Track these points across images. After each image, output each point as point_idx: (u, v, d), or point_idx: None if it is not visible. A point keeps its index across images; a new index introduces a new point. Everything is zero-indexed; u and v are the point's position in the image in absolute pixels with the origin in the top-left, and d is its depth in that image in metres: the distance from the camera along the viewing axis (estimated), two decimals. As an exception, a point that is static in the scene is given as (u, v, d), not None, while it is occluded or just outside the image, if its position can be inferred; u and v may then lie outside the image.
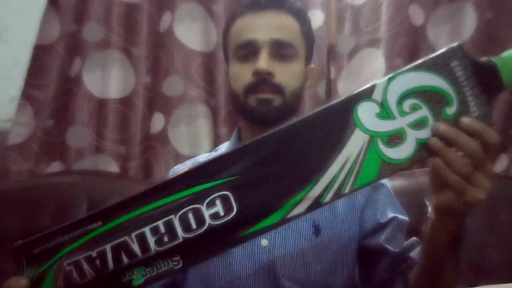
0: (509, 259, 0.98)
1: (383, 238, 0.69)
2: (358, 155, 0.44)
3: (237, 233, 0.46)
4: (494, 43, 1.15)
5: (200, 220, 0.45)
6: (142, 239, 0.46)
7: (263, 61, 0.65)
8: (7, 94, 1.22)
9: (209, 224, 0.45)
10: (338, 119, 0.45)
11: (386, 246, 0.68)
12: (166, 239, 0.46)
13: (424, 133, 0.45)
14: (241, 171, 0.45)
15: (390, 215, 0.71)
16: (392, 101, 0.45)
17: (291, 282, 0.67)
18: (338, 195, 0.45)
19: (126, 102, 1.19)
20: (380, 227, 0.71)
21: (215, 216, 0.45)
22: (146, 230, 0.46)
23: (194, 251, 0.46)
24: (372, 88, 0.45)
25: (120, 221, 0.46)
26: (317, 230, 0.69)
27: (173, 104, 1.19)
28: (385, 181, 0.75)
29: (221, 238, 0.46)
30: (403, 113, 0.45)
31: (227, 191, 0.45)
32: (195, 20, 1.19)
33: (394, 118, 0.45)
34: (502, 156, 1.14)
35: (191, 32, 1.19)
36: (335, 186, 0.45)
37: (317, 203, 0.45)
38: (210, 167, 0.46)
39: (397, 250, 0.68)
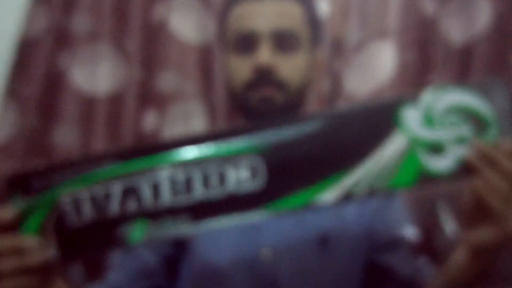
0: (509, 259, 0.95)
1: (395, 257, 0.66)
2: (397, 156, 0.46)
3: (257, 206, 0.45)
4: (509, 37, 1.10)
5: (223, 183, 0.45)
6: (156, 188, 0.45)
7: (264, 55, 0.61)
8: (-11, 91, 1.16)
9: (231, 189, 0.45)
10: (382, 118, 0.46)
11: (396, 266, 0.65)
12: (182, 193, 0.45)
13: (464, 150, 0.46)
14: (279, 141, 0.45)
15: (404, 230, 0.68)
16: (437, 112, 0.46)
17: None
18: (371, 192, 0.45)
19: (117, 99, 1.15)
20: (392, 244, 0.67)
21: (239, 182, 0.45)
22: (164, 179, 0.45)
23: (207, 214, 0.45)
24: (420, 94, 0.47)
25: (137, 165, 0.45)
26: (324, 241, 0.64)
27: (167, 101, 1.14)
28: None
29: (238, 208, 0.45)
30: (446, 126, 0.46)
31: (259, 159, 0.45)
32: (191, 11, 1.16)
33: (436, 128, 0.46)
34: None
35: (186, 24, 1.15)
36: (368, 181, 0.45)
37: (348, 195, 0.45)
38: (246, 130, 0.46)
39: (406, 272, 0.65)
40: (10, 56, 1.13)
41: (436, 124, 0.46)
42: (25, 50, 1.13)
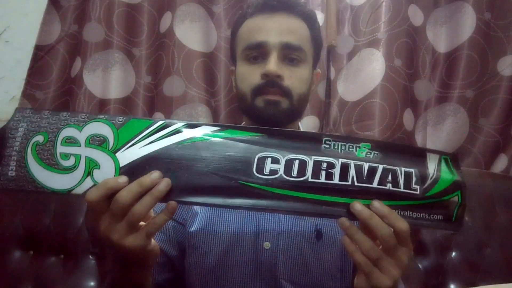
0: (509, 259, 0.98)
1: None
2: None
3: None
4: (493, 44, 1.16)
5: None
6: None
7: (273, 64, 0.65)
8: (8, 94, 1.22)
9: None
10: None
11: None
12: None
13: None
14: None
15: None
16: None
17: (291, 284, 0.68)
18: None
19: (126, 102, 1.19)
20: None
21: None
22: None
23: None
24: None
25: None
26: (319, 234, 0.70)
27: (173, 104, 1.18)
28: None
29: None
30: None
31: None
32: (195, 21, 1.20)
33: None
34: (502, 156, 1.14)
35: (191, 33, 1.19)
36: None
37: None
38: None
39: None
40: (26, 62, 1.18)
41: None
42: (40, 56, 1.18)
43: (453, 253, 1.01)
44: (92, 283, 1.01)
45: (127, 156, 0.49)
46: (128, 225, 0.47)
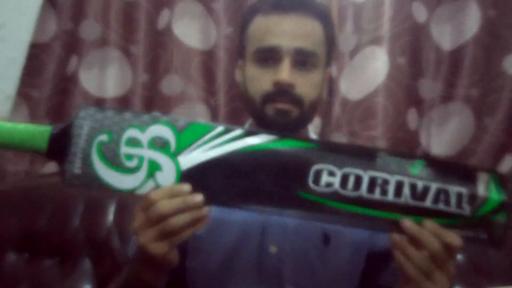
0: (510, 260, 0.97)
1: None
2: None
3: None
4: (498, 42, 1.14)
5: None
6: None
7: (286, 73, 0.63)
8: (2, 93, 1.20)
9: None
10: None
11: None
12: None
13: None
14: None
15: None
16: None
17: None
18: None
19: (123, 101, 1.18)
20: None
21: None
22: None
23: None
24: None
25: None
26: (326, 239, 0.68)
27: (172, 103, 1.17)
28: None
29: None
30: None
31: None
32: (194, 18, 1.19)
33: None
34: (507, 156, 1.13)
35: (190, 30, 1.18)
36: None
37: None
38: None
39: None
40: (21, 60, 1.17)
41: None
42: (36, 54, 1.17)
43: (458, 255, 1.00)
44: (88, 286, 1.00)
45: (188, 160, 0.50)
46: (158, 233, 0.49)
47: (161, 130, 0.51)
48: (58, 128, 0.52)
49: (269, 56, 0.65)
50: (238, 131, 0.51)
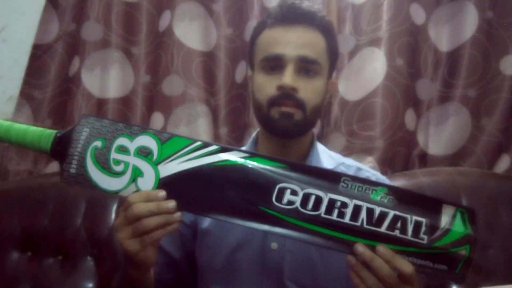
0: (510, 259, 0.98)
1: None
2: None
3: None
4: (496, 43, 1.15)
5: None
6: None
7: (289, 77, 0.67)
8: (5, 94, 1.21)
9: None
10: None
11: None
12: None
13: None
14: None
15: None
16: None
17: (296, 285, 0.69)
18: None
19: (125, 102, 1.19)
20: None
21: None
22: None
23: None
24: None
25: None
26: None
27: (172, 104, 1.18)
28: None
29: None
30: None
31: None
32: (194, 19, 1.19)
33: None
34: (504, 156, 1.14)
35: (190, 31, 1.19)
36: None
37: None
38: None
39: None
40: (24, 61, 1.18)
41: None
42: (38, 56, 1.18)
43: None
44: (90, 285, 1.01)
45: (167, 169, 0.55)
46: (132, 231, 0.53)
47: (147, 141, 0.56)
48: (62, 132, 0.58)
49: (275, 64, 0.70)
50: (214, 147, 0.56)
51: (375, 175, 0.78)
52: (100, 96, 1.19)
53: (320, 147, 0.78)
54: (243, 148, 0.80)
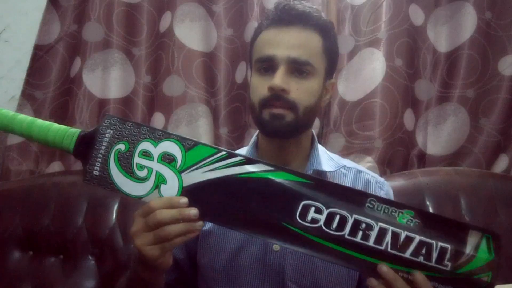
0: (510, 259, 0.97)
1: None
2: None
3: None
4: (494, 43, 1.15)
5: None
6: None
7: (279, 78, 0.67)
8: (7, 94, 1.22)
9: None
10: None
11: None
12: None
13: None
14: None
15: None
16: None
17: (297, 287, 0.69)
18: None
19: (126, 102, 1.20)
20: None
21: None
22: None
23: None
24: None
25: None
26: None
27: (173, 104, 1.19)
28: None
29: None
30: None
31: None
32: (195, 20, 1.20)
33: None
34: (503, 156, 1.14)
35: (191, 32, 1.19)
36: None
37: None
38: None
39: None
40: (26, 62, 1.18)
41: None
42: (40, 56, 1.18)
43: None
44: (91, 284, 1.01)
45: (190, 177, 0.55)
46: (153, 238, 0.53)
47: (171, 147, 0.55)
48: (85, 132, 0.57)
49: (268, 65, 0.70)
50: (238, 158, 0.55)
51: (375, 177, 0.78)
52: (101, 96, 1.19)
53: (320, 149, 0.78)
54: (243, 149, 0.81)
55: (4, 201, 1.06)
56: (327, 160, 0.77)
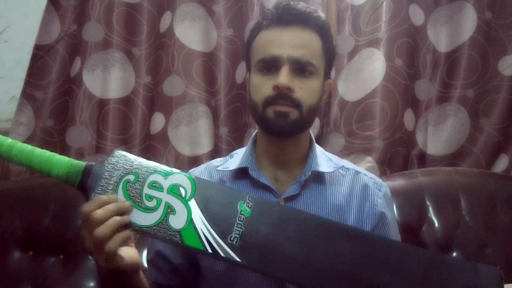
0: (510, 259, 0.98)
1: None
2: None
3: None
4: (494, 43, 1.16)
5: None
6: None
7: (284, 77, 0.68)
8: (7, 94, 1.22)
9: None
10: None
11: None
12: None
13: None
14: None
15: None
16: None
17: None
18: None
19: (126, 102, 1.20)
20: None
21: None
22: None
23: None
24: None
25: None
26: None
27: (173, 104, 1.19)
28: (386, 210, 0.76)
29: None
30: None
31: None
32: (195, 20, 1.20)
33: None
34: (503, 156, 1.14)
35: (191, 32, 1.19)
36: None
37: None
38: None
39: None
40: (26, 62, 1.18)
41: None
42: (40, 56, 1.18)
43: (454, 253, 1.01)
44: (91, 284, 1.01)
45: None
46: (95, 242, 0.53)
47: (181, 179, 0.58)
48: (91, 165, 0.58)
49: (270, 65, 0.70)
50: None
51: (373, 179, 0.78)
52: (101, 96, 1.19)
53: (318, 149, 0.78)
54: (242, 149, 0.81)
55: (4, 201, 1.06)
56: (326, 161, 0.77)
